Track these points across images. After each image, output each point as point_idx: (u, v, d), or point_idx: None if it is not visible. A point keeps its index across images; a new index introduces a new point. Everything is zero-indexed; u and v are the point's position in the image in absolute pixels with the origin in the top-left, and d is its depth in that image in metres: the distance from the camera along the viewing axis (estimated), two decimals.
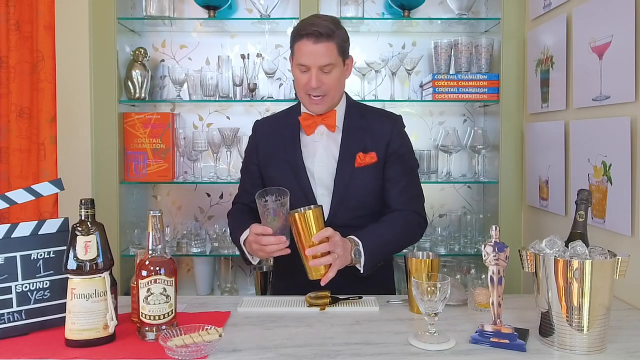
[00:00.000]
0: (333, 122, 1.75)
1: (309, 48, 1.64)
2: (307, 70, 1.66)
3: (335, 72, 1.67)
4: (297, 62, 1.68)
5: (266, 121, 1.90)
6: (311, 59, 1.64)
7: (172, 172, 2.65)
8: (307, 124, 1.76)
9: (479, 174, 2.65)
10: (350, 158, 1.72)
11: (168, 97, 2.78)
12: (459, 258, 2.63)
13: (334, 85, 1.69)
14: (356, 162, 1.72)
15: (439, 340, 1.25)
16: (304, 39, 1.64)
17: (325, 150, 1.75)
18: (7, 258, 1.31)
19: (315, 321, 1.42)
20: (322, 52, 1.64)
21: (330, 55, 1.65)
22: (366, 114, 1.80)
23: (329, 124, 1.75)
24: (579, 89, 1.92)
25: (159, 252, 1.27)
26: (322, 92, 1.68)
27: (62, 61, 2.50)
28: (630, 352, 1.21)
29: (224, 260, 2.71)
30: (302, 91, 1.71)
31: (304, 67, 1.66)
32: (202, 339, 1.17)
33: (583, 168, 1.87)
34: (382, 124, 1.77)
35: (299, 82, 1.70)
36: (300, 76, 1.69)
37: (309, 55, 1.64)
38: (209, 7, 2.59)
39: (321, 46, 1.63)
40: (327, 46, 1.64)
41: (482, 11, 2.74)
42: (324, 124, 1.75)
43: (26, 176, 2.56)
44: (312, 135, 1.76)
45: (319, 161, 1.74)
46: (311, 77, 1.65)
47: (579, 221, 1.30)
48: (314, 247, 1.49)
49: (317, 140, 1.76)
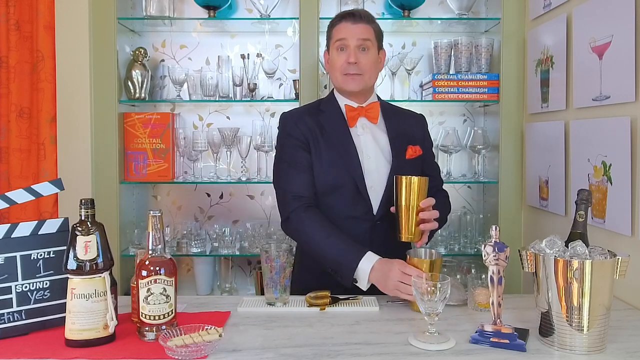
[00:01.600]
0: (376, 114, 1.79)
1: (349, 27, 1.74)
2: (345, 48, 1.72)
3: (371, 53, 1.74)
4: (336, 38, 1.74)
5: (299, 112, 1.83)
6: (350, 34, 1.72)
7: (172, 172, 2.65)
8: (351, 115, 1.77)
9: (479, 174, 2.65)
10: (402, 150, 1.77)
11: (168, 97, 2.78)
12: (459, 258, 2.63)
13: (370, 67, 1.75)
14: (407, 154, 1.77)
15: (439, 340, 1.25)
16: (343, 21, 1.74)
17: (372, 143, 1.77)
18: (7, 258, 1.31)
19: (315, 321, 1.42)
20: (361, 30, 1.73)
21: (368, 34, 1.73)
22: (397, 112, 1.88)
23: (371, 116, 1.78)
24: (579, 89, 1.92)
25: (159, 252, 1.27)
26: (358, 70, 1.73)
27: (62, 61, 2.50)
28: (630, 352, 1.21)
29: (224, 260, 2.71)
30: (339, 72, 1.74)
31: (342, 44, 1.73)
32: (202, 339, 1.17)
33: (583, 168, 1.87)
34: (415, 122, 1.88)
35: (335, 63, 1.75)
36: (337, 57, 1.74)
37: (349, 31, 1.72)
38: (209, 7, 2.59)
39: (360, 26, 1.73)
40: (365, 27, 1.73)
41: (482, 11, 2.74)
42: (366, 116, 1.78)
43: (26, 176, 2.56)
44: (356, 129, 1.78)
45: (368, 154, 1.75)
46: (349, 53, 1.71)
47: (579, 221, 1.30)
48: (430, 212, 1.59)
49: (361, 134, 1.77)
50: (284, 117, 1.80)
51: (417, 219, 1.59)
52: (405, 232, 1.60)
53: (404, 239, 1.61)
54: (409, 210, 1.59)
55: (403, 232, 1.61)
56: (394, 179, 1.61)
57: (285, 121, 1.79)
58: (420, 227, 1.60)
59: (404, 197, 1.59)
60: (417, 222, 1.59)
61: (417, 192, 1.58)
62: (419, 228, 1.60)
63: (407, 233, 1.60)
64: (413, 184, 1.58)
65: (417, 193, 1.58)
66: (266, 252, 1.53)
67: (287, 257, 1.53)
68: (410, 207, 1.59)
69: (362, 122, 1.78)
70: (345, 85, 1.75)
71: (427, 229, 1.61)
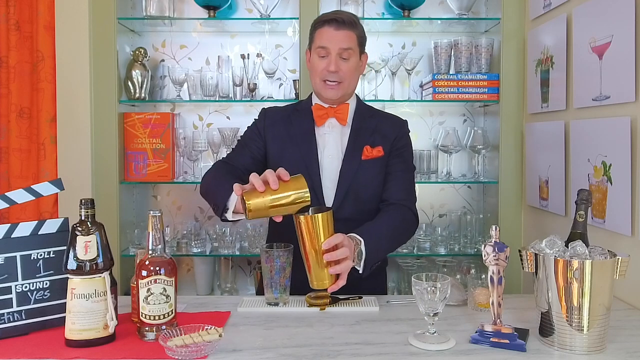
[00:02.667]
0: (344, 116, 1.77)
1: (331, 33, 1.69)
2: (326, 55, 1.70)
3: (352, 61, 1.72)
4: (318, 45, 1.71)
5: (276, 109, 1.89)
6: (332, 42, 1.69)
7: (172, 172, 2.65)
8: (319, 114, 1.77)
9: (479, 174, 2.65)
10: (357, 151, 1.75)
11: (168, 97, 2.78)
12: (459, 258, 2.63)
13: (350, 74, 1.73)
14: (363, 154, 1.74)
15: (439, 340, 1.25)
16: (326, 25, 1.71)
17: (335, 144, 1.77)
18: (7, 258, 1.31)
19: (315, 321, 1.42)
20: (343, 38, 1.69)
21: (350, 42, 1.70)
22: (375, 115, 1.84)
23: (340, 117, 1.77)
24: (579, 89, 1.92)
25: (159, 252, 1.27)
26: (338, 78, 1.71)
27: (62, 61, 2.50)
28: (630, 352, 1.21)
29: (224, 260, 2.71)
30: (319, 77, 1.73)
31: (323, 51, 1.70)
32: (202, 339, 1.17)
33: (583, 168, 1.87)
34: (390, 126, 1.82)
35: (316, 68, 1.73)
36: (318, 62, 1.72)
37: (330, 38, 1.69)
38: (209, 7, 2.59)
39: (343, 33, 1.69)
40: (348, 33, 1.70)
41: (482, 11, 2.74)
42: (335, 117, 1.77)
43: (26, 176, 2.57)
44: (322, 128, 1.78)
45: (328, 154, 1.76)
46: (330, 61, 1.69)
47: (579, 221, 1.30)
48: (332, 253, 1.39)
49: (326, 133, 1.78)
50: (262, 111, 1.88)
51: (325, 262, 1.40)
52: (315, 279, 1.41)
53: (315, 286, 1.42)
54: (315, 253, 1.39)
55: (314, 278, 1.41)
56: (293, 220, 1.41)
57: (260, 115, 1.86)
58: (329, 271, 1.41)
59: (307, 238, 1.39)
60: (326, 265, 1.40)
61: (322, 231, 1.38)
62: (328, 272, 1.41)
63: (317, 279, 1.41)
64: (316, 221, 1.37)
65: (322, 232, 1.38)
66: (266, 252, 1.53)
67: (287, 257, 1.53)
68: (316, 249, 1.39)
69: (330, 122, 1.78)
70: (324, 93, 1.75)
71: (336, 272, 1.41)
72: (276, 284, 1.52)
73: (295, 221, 1.41)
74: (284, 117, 1.83)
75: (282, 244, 1.57)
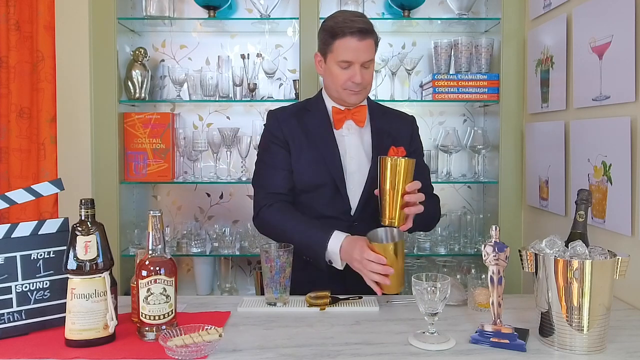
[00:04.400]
0: (362, 117, 1.77)
1: (354, 44, 1.66)
2: (349, 66, 1.68)
3: (372, 67, 1.74)
4: (340, 59, 1.68)
5: (284, 109, 1.85)
6: (356, 55, 1.67)
7: (172, 172, 2.65)
8: (337, 117, 1.77)
9: (479, 174, 2.65)
10: (383, 152, 1.73)
11: (168, 97, 2.78)
12: (459, 258, 2.63)
13: (371, 80, 1.75)
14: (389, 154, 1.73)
15: (439, 340, 1.25)
16: (348, 36, 1.66)
17: (356, 145, 1.77)
18: (7, 258, 1.31)
19: (315, 321, 1.42)
20: (366, 49, 1.68)
21: (372, 51, 1.71)
22: (386, 113, 1.86)
23: (358, 119, 1.77)
24: (579, 89, 1.92)
25: (159, 252, 1.27)
26: (362, 87, 1.71)
27: (62, 61, 2.51)
28: (630, 352, 1.21)
29: (224, 260, 2.71)
30: (341, 87, 1.71)
31: (346, 64, 1.68)
32: (202, 339, 1.17)
33: (583, 168, 1.87)
34: (403, 124, 1.85)
35: (338, 78, 1.70)
36: (340, 73, 1.70)
37: (355, 51, 1.66)
38: (209, 7, 2.59)
39: (365, 43, 1.67)
40: (369, 43, 1.69)
41: (482, 11, 2.74)
42: (353, 119, 1.77)
43: (26, 176, 2.57)
44: (341, 130, 1.77)
45: (351, 155, 1.76)
46: (355, 72, 1.68)
47: (579, 221, 1.30)
48: (415, 195, 1.51)
49: (345, 135, 1.77)
50: (270, 116, 1.83)
51: (401, 202, 1.51)
52: (389, 216, 1.52)
53: (386, 222, 1.52)
54: (393, 192, 1.50)
55: (387, 215, 1.52)
56: (378, 160, 1.53)
57: (270, 120, 1.82)
58: (404, 211, 1.52)
59: (389, 179, 1.51)
60: (401, 206, 1.51)
61: (403, 175, 1.50)
62: (403, 212, 1.52)
63: (390, 216, 1.51)
64: (399, 165, 1.50)
65: (402, 175, 1.50)
66: (266, 252, 1.53)
67: (287, 257, 1.53)
68: (395, 189, 1.50)
69: (348, 124, 1.78)
70: (347, 99, 1.74)
71: (411, 212, 1.53)
72: (276, 284, 1.52)
73: (382, 162, 1.52)
74: (294, 115, 1.80)
75: (282, 244, 1.57)
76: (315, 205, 1.74)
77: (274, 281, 1.52)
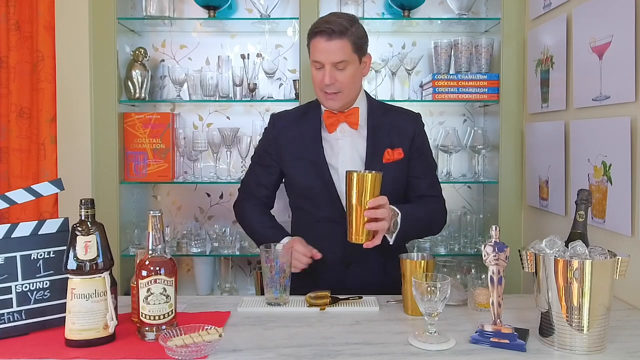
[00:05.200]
0: (356, 120, 1.76)
1: (322, 45, 1.66)
2: (322, 67, 1.68)
3: (349, 69, 1.69)
4: (312, 59, 1.70)
5: (285, 115, 1.89)
6: (324, 56, 1.66)
7: (172, 172, 2.65)
8: (329, 121, 1.77)
9: (479, 174, 2.65)
10: (378, 154, 1.74)
11: (168, 97, 2.78)
12: (459, 258, 2.63)
13: (348, 83, 1.70)
14: (384, 157, 1.73)
15: (439, 340, 1.25)
16: (318, 36, 1.67)
17: (351, 148, 1.76)
18: (7, 258, 1.31)
19: (315, 321, 1.42)
20: (335, 50, 1.65)
21: (344, 53, 1.66)
22: (388, 111, 1.84)
23: (352, 122, 1.76)
24: (579, 89, 1.92)
25: (159, 252, 1.27)
26: (336, 89, 1.69)
27: (62, 61, 2.50)
28: (630, 352, 1.21)
29: (224, 260, 2.71)
30: (318, 88, 1.72)
31: (318, 64, 1.68)
32: (202, 339, 1.17)
33: (583, 168, 1.87)
34: (406, 121, 1.82)
35: (314, 79, 1.72)
36: (315, 73, 1.71)
37: (322, 52, 1.66)
38: (209, 7, 2.59)
39: (334, 43, 1.65)
40: (340, 43, 1.65)
41: (482, 11, 2.74)
42: (347, 122, 1.76)
43: (26, 176, 2.56)
44: (335, 133, 1.77)
45: (344, 159, 1.75)
46: (325, 74, 1.67)
47: (579, 221, 1.30)
48: (374, 211, 1.49)
49: (340, 138, 1.77)
50: (271, 118, 1.88)
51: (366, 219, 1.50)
52: (355, 232, 1.50)
53: (353, 239, 1.51)
54: (360, 208, 1.49)
55: (353, 231, 1.50)
56: (345, 175, 1.53)
57: (270, 123, 1.87)
58: (365, 227, 1.50)
59: (355, 194, 1.49)
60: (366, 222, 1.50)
61: (370, 190, 1.48)
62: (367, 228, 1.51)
63: (357, 233, 1.50)
64: (365, 180, 1.48)
65: (369, 190, 1.48)
66: (266, 252, 1.53)
67: (287, 257, 1.53)
68: (362, 205, 1.49)
69: (342, 127, 1.77)
70: (325, 104, 1.75)
71: (371, 228, 1.50)
72: (276, 284, 1.52)
73: (348, 177, 1.51)
74: (294, 120, 1.83)
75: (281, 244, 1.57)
76: (311, 208, 1.77)
77: (274, 281, 1.52)
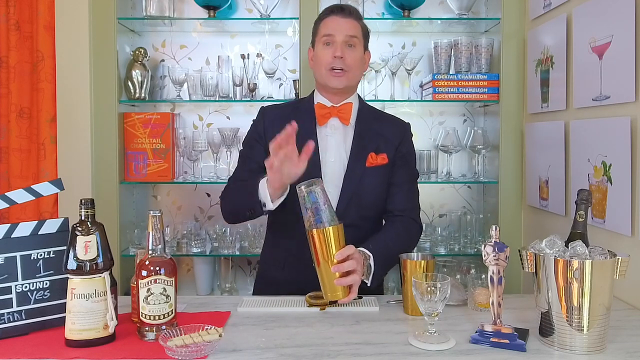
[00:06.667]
0: (348, 115, 1.75)
1: (338, 21, 1.70)
2: (332, 43, 1.69)
3: (357, 51, 1.72)
4: (323, 32, 1.71)
5: (275, 107, 1.87)
6: (339, 30, 1.69)
7: (172, 172, 2.65)
8: (321, 113, 1.75)
9: (479, 174, 2.65)
10: (362, 157, 1.72)
11: (168, 97, 2.78)
12: (459, 258, 2.63)
13: (356, 64, 1.72)
14: (367, 161, 1.71)
15: (439, 340, 1.25)
16: (332, 14, 1.71)
17: (337, 146, 1.75)
18: (7, 258, 1.31)
19: (315, 321, 1.42)
20: (349, 25, 1.70)
21: (356, 30, 1.71)
22: (379, 117, 1.82)
23: (343, 117, 1.74)
24: (579, 89, 1.92)
25: (159, 252, 1.27)
26: (344, 66, 1.69)
27: (62, 61, 2.50)
28: (630, 352, 1.21)
29: (224, 260, 2.71)
30: (323, 67, 1.71)
31: (329, 39, 1.69)
32: (202, 339, 1.17)
33: (583, 168, 1.87)
34: (394, 129, 1.80)
35: (321, 57, 1.71)
36: (323, 51, 1.71)
37: (337, 26, 1.70)
38: (209, 7, 2.59)
39: (349, 20, 1.71)
40: (353, 23, 1.71)
41: (482, 11, 2.74)
42: (339, 117, 1.75)
43: (26, 176, 2.57)
44: (325, 129, 1.75)
45: (331, 156, 1.74)
46: (336, 48, 1.68)
47: (579, 221, 1.30)
48: (340, 265, 1.43)
49: (329, 135, 1.75)
50: (260, 111, 1.86)
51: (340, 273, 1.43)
52: (329, 289, 1.44)
53: (329, 297, 1.45)
54: (328, 265, 1.42)
55: (327, 289, 1.44)
56: (306, 234, 1.45)
57: (259, 115, 1.84)
58: (335, 282, 1.43)
59: (320, 251, 1.43)
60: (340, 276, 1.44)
61: (334, 243, 1.42)
62: None
63: (331, 290, 1.44)
64: (327, 235, 1.41)
65: (333, 244, 1.42)
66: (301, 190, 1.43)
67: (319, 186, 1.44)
68: (330, 261, 1.42)
69: (332, 123, 1.75)
70: (330, 82, 1.71)
71: (342, 284, 1.44)
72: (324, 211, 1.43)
73: (309, 235, 1.44)
74: (284, 114, 1.78)
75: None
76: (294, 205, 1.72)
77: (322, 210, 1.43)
